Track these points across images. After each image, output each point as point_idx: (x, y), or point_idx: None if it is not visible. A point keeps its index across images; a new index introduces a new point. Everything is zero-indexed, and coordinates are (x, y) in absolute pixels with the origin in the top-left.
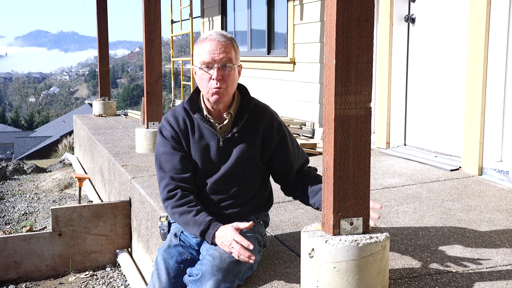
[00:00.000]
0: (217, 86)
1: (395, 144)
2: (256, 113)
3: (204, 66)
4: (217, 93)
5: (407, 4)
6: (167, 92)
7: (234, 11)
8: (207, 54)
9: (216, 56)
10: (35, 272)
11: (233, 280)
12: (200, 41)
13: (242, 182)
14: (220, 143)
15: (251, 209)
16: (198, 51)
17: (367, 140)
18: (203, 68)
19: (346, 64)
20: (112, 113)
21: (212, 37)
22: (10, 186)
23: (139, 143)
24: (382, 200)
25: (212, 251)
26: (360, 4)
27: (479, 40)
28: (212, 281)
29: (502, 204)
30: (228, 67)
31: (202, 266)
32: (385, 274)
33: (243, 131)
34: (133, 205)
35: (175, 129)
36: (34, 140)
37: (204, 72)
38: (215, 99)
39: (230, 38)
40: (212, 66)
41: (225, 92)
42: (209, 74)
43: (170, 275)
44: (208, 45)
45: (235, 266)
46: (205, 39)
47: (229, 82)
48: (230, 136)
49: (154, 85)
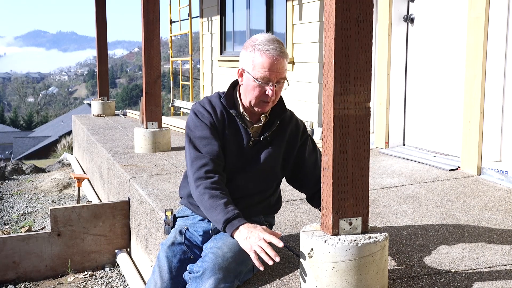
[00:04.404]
0: (269, 101)
1: (394, 144)
2: (285, 119)
3: (261, 80)
4: (266, 107)
5: (406, 4)
6: (166, 92)
7: (233, 11)
8: (266, 71)
9: (275, 75)
10: (34, 272)
11: (233, 280)
12: (258, 48)
13: (261, 184)
14: (250, 143)
15: (262, 210)
16: (256, 61)
17: (366, 140)
18: (259, 81)
19: (345, 64)
20: (111, 113)
21: (272, 53)
22: (9, 186)
23: (138, 143)
24: (381, 200)
25: (215, 249)
26: (359, 4)
27: (478, 40)
28: (212, 280)
29: (501, 204)
30: (282, 83)
31: (203, 264)
32: (384, 274)
33: (273, 136)
34: (132, 205)
35: (213, 118)
36: (33, 140)
37: (258, 85)
38: (262, 109)
39: (285, 52)
40: (269, 82)
41: (272, 104)
42: (264, 88)
43: (172, 273)
44: (268, 62)
45: (236, 267)
46: (265, 52)
47: (278, 95)
48: (262, 139)
49: (153, 85)
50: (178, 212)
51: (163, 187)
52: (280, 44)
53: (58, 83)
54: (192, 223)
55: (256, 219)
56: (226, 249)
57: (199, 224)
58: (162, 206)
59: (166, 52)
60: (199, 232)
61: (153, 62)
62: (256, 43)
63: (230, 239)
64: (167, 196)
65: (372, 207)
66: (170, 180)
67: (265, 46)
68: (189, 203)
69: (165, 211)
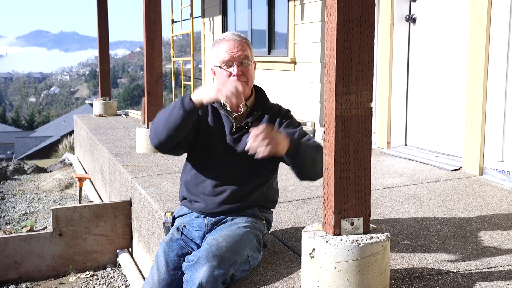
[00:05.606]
0: (238, 78)
1: (396, 144)
2: (269, 109)
3: (224, 64)
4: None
5: (408, 4)
6: (168, 92)
7: (235, 11)
8: (226, 53)
9: (234, 54)
10: (36, 272)
11: (228, 268)
12: (216, 42)
13: (249, 170)
14: (233, 129)
15: (255, 201)
16: (216, 51)
17: (368, 140)
18: (223, 67)
19: (347, 64)
20: (112, 113)
21: (228, 37)
22: (11, 186)
23: (140, 143)
24: (383, 200)
25: (210, 240)
26: (361, 4)
27: (480, 40)
28: (206, 267)
29: (503, 204)
30: (246, 63)
31: (198, 253)
32: (386, 274)
33: (255, 123)
34: (133, 205)
35: None
36: (34, 140)
37: (224, 70)
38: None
39: (244, 38)
40: (231, 64)
41: (245, 85)
42: (229, 71)
43: (169, 267)
44: (226, 45)
45: (231, 256)
46: (221, 40)
47: (248, 76)
48: (244, 124)
49: (155, 85)
50: (177, 212)
51: (164, 187)
52: (238, 33)
53: (59, 83)
54: (189, 220)
55: (251, 211)
56: (221, 239)
57: (195, 220)
58: (163, 206)
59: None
60: (195, 227)
61: (154, 62)
62: (215, 40)
63: (224, 231)
64: (169, 196)
65: (374, 207)
66: (172, 180)
67: (222, 36)
68: (186, 202)
69: (165, 213)
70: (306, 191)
